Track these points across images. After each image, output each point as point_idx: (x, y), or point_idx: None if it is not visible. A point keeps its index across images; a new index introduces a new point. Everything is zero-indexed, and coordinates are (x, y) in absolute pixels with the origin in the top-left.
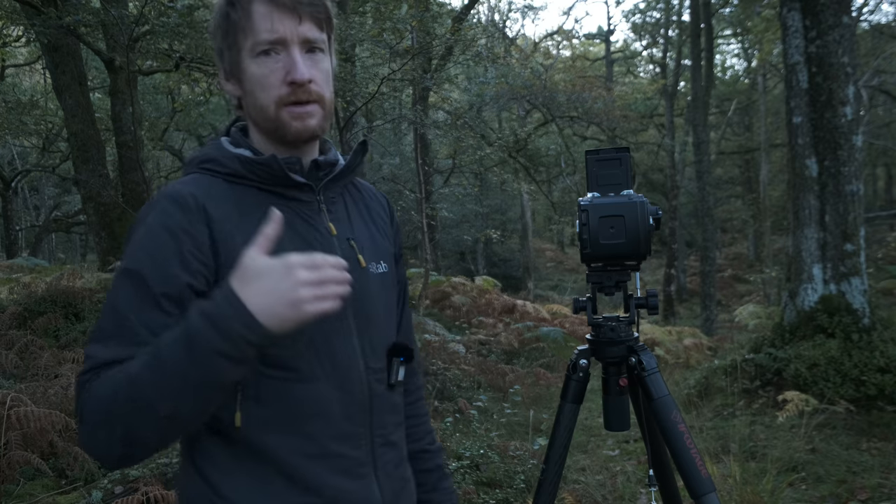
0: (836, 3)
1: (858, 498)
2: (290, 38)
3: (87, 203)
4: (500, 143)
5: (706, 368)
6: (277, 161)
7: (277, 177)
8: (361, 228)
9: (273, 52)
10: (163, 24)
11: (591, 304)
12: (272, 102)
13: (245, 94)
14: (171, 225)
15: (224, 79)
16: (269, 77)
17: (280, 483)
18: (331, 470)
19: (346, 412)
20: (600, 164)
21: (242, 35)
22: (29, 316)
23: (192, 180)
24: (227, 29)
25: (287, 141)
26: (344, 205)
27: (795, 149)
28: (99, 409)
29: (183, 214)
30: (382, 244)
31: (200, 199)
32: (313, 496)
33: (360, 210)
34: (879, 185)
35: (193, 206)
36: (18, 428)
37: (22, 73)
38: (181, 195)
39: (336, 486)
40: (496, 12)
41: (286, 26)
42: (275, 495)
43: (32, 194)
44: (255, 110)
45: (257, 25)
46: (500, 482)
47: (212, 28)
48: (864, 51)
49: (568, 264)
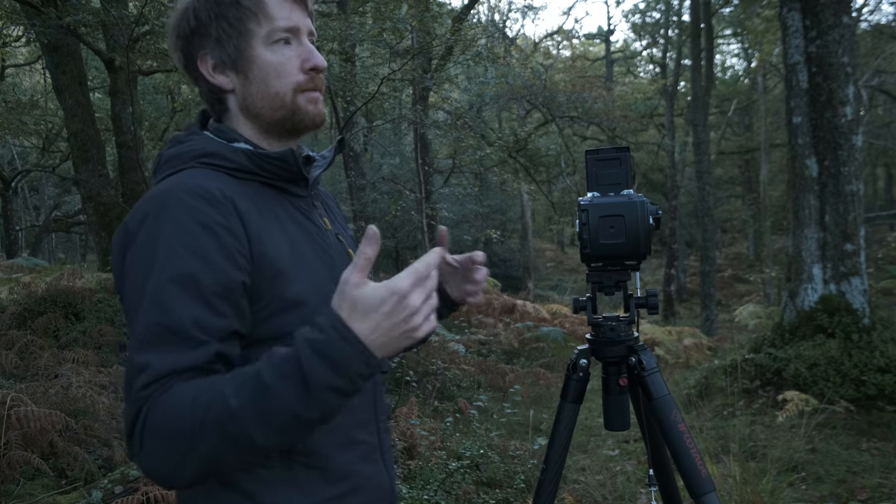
0: (836, 3)
1: (858, 498)
2: (301, 28)
3: (87, 203)
4: (500, 143)
5: (706, 368)
6: (294, 155)
7: (290, 172)
8: (337, 224)
9: (288, 42)
10: (163, 24)
11: (591, 304)
12: (290, 89)
13: (249, 83)
14: (206, 221)
15: (212, 70)
16: (287, 64)
17: (315, 478)
18: (357, 457)
19: (361, 401)
20: (600, 163)
21: (255, 22)
22: (29, 316)
23: (202, 175)
24: (238, 15)
25: (299, 129)
26: (322, 200)
27: (795, 149)
28: (173, 431)
29: (215, 209)
30: (350, 240)
31: (227, 193)
32: (344, 485)
33: (330, 206)
34: (879, 185)
35: (223, 200)
36: (18, 428)
37: (22, 73)
38: (206, 189)
39: (363, 471)
40: (496, 12)
41: (298, 15)
42: (309, 491)
43: (32, 194)
44: (265, 99)
45: (274, 12)
46: (500, 482)
47: (199, 17)
48: (864, 51)
49: (568, 264)
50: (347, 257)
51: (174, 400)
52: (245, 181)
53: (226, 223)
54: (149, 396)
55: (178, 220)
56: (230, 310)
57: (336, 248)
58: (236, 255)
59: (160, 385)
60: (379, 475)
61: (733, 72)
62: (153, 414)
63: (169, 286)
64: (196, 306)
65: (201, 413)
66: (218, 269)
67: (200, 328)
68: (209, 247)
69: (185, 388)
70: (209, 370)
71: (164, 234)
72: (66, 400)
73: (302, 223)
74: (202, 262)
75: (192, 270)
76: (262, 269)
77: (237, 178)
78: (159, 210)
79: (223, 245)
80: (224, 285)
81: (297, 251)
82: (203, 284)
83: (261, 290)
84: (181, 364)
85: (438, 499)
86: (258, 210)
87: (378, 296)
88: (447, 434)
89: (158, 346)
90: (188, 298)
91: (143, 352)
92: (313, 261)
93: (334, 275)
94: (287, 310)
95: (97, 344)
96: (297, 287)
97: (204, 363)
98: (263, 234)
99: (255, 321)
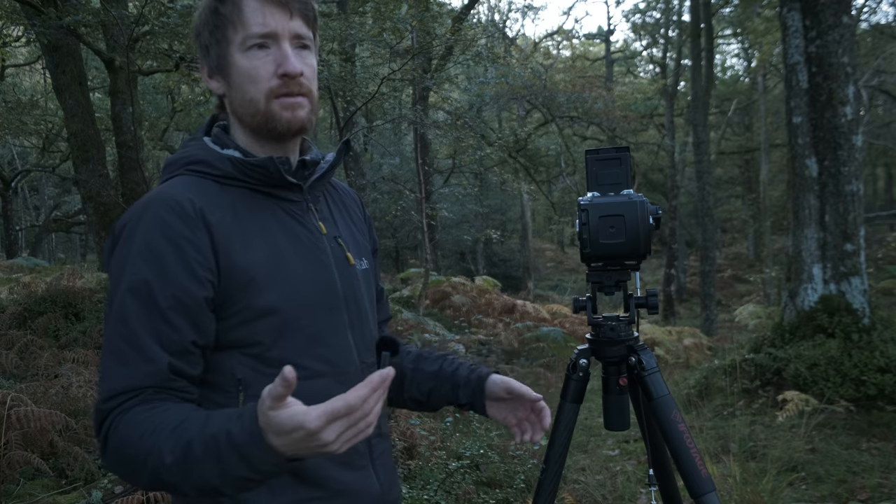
0: (836, 3)
1: (858, 498)
2: (280, 33)
3: (87, 203)
4: (500, 143)
5: (706, 368)
6: (274, 162)
7: (272, 178)
8: (344, 226)
9: (264, 46)
10: (163, 24)
11: (590, 304)
12: (262, 95)
13: (231, 89)
14: (171, 234)
15: (208, 76)
16: (260, 70)
17: (285, 479)
18: (334, 463)
19: None
20: (600, 163)
21: (232, 29)
22: (29, 316)
23: (183, 183)
24: (217, 24)
25: (276, 135)
26: (327, 203)
27: (795, 149)
28: (126, 456)
29: (182, 222)
30: (362, 241)
31: (198, 203)
32: (319, 490)
33: (340, 208)
34: (879, 185)
35: (192, 213)
36: (18, 428)
37: (22, 73)
38: (177, 201)
39: (340, 478)
40: (496, 12)
41: (277, 20)
42: (280, 492)
43: (32, 194)
44: (243, 105)
45: (249, 19)
46: (500, 482)
47: (197, 25)
48: (864, 51)
49: (568, 264)
50: (345, 261)
51: (128, 429)
52: (232, 187)
53: (191, 236)
54: (109, 411)
55: (147, 232)
56: (185, 322)
57: (332, 252)
58: (197, 267)
59: (119, 403)
60: (364, 481)
61: (733, 72)
62: (112, 434)
63: (127, 296)
64: (150, 317)
65: (143, 454)
66: (173, 281)
67: (153, 341)
68: (169, 259)
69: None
70: (169, 388)
71: (134, 244)
72: (66, 400)
73: (291, 229)
74: (159, 274)
75: (149, 282)
76: (233, 277)
77: (223, 184)
78: (137, 220)
79: (184, 258)
80: (178, 298)
81: (277, 258)
82: (158, 296)
83: (232, 297)
84: (137, 383)
85: (438, 499)
86: (237, 218)
87: (288, 426)
88: (447, 434)
89: (118, 357)
90: (142, 310)
91: (107, 360)
92: (296, 267)
93: (325, 278)
94: (257, 318)
95: (97, 344)
96: (271, 296)
97: (159, 381)
98: (236, 242)
99: (225, 328)
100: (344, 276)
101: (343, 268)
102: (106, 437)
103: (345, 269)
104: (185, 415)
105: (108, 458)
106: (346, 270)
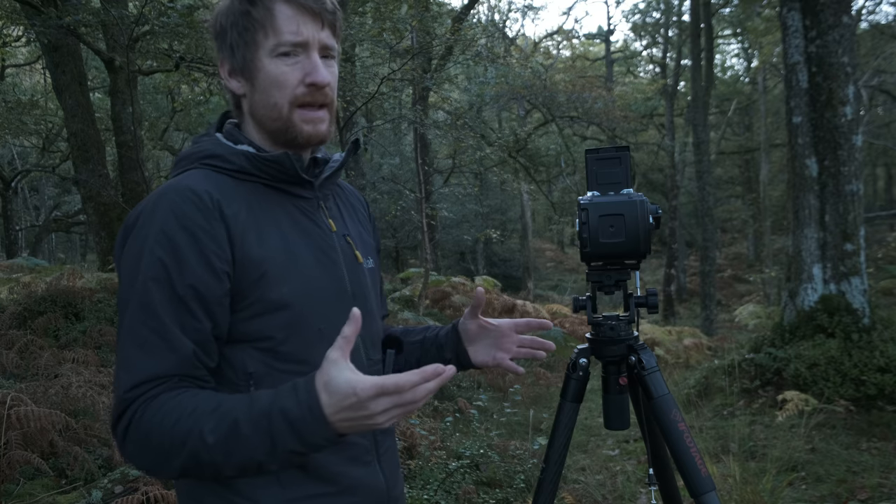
0: (836, 3)
1: (858, 498)
2: (311, 42)
3: (87, 203)
4: (500, 143)
5: (706, 368)
6: (289, 157)
7: (287, 173)
8: (352, 225)
9: (293, 54)
10: (163, 24)
11: (590, 303)
12: (287, 102)
13: (255, 91)
14: (188, 224)
15: (228, 75)
16: (289, 76)
17: (295, 474)
18: (344, 459)
19: None
20: (600, 163)
21: (263, 34)
22: (29, 316)
23: (199, 176)
24: (247, 26)
25: (295, 145)
26: (335, 202)
27: (795, 149)
28: (155, 444)
29: (200, 212)
30: (367, 240)
31: (215, 195)
32: (329, 485)
33: (348, 207)
34: (879, 185)
35: (210, 204)
36: (18, 428)
37: (22, 73)
38: (194, 191)
39: (349, 474)
40: (496, 12)
41: (310, 30)
42: (291, 487)
43: (32, 194)
44: (266, 108)
45: (282, 27)
46: (500, 482)
47: (222, 23)
48: (864, 51)
49: (568, 264)
50: (354, 259)
51: (159, 416)
52: (246, 182)
53: (208, 227)
54: (134, 400)
55: (164, 222)
56: (202, 312)
57: (341, 250)
58: (214, 259)
59: (145, 391)
60: (371, 477)
61: (733, 72)
62: (138, 422)
63: (151, 283)
64: (173, 305)
65: (180, 437)
66: (192, 271)
67: (178, 328)
68: (187, 250)
69: (169, 406)
70: (192, 376)
71: (150, 235)
72: (66, 400)
73: (303, 225)
74: (178, 263)
75: (169, 270)
76: (247, 270)
77: (238, 179)
78: (152, 210)
79: (201, 249)
80: (196, 288)
81: (290, 253)
82: (177, 285)
83: (245, 291)
84: (163, 370)
85: (438, 498)
86: (251, 212)
87: (343, 389)
88: (447, 434)
89: (142, 345)
90: (165, 297)
91: (129, 349)
92: (308, 263)
93: (335, 275)
94: (269, 312)
95: (97, 344)
96: (284, 289)
97: (184, 369)
98: (251, 236)
99: (237, 321)
100: (353, 274)
101: (352, 265)
102: (127, 428)
103: (353, 267)
104: (219, 397)
105: (129, 448)
106: (354, 268)
